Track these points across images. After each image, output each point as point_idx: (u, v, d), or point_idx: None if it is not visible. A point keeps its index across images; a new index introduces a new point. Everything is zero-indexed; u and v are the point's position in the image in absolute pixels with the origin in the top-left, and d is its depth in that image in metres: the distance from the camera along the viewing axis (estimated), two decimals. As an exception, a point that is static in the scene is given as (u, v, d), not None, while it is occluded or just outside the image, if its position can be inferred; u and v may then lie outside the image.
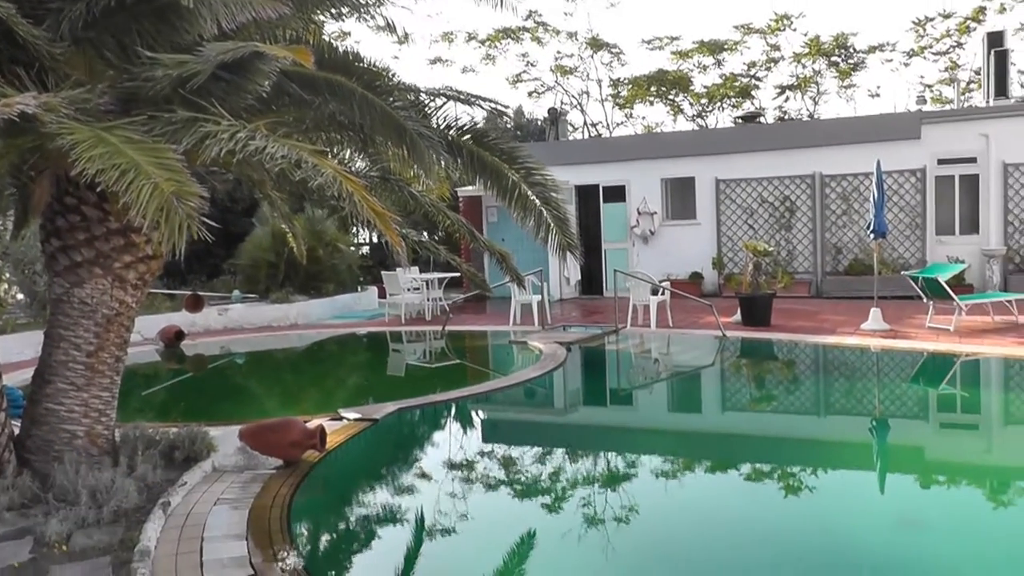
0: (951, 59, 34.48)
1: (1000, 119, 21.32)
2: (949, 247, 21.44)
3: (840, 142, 22.33)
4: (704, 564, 6.09)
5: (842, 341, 14.84)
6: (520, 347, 15.48)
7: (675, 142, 25.28)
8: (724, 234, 23.25)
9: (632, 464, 9.16)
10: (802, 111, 36.29)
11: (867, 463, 9.33)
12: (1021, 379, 12.84)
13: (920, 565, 6.03)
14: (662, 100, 37.13)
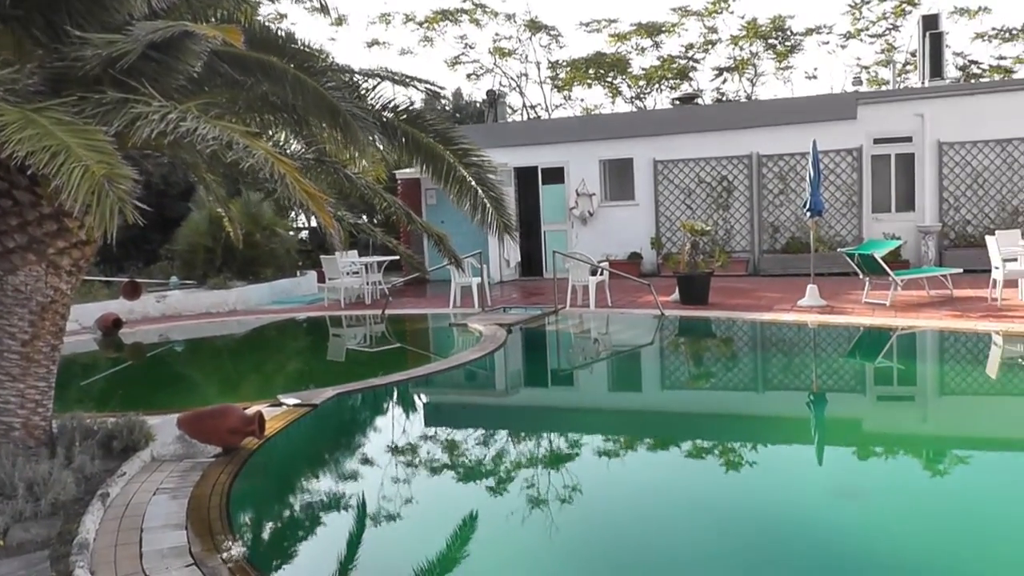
0: (887, 41, 34.92)
1: (935, 99, 21.72)
2: (885, 224, 21.76)
3: (777, 123, 22.57)
4: (648, 540, 6.11)
5: (779, 318, 15.01)
6: (460, 329, 15.47)
7: (613, 124, 25.38)
8: (662, 214, 23.39)
9: (574, 444, 9.17)
10: (740, 93, 36.57)
11: (806, 437, 9.44)
12: (956, 351, 13.05)
13: (859, 534, 6.10)
14: (600, 82, 37.21)
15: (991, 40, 33.89)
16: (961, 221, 21.50)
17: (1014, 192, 21.25)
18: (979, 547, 5.90)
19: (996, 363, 12.53)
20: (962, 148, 21.38)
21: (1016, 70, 34.21)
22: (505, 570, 5.76)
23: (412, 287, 22.23)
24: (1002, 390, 11.15)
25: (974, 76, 34.26)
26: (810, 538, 6.08)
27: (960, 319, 13.98)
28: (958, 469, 8.04)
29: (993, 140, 21.22)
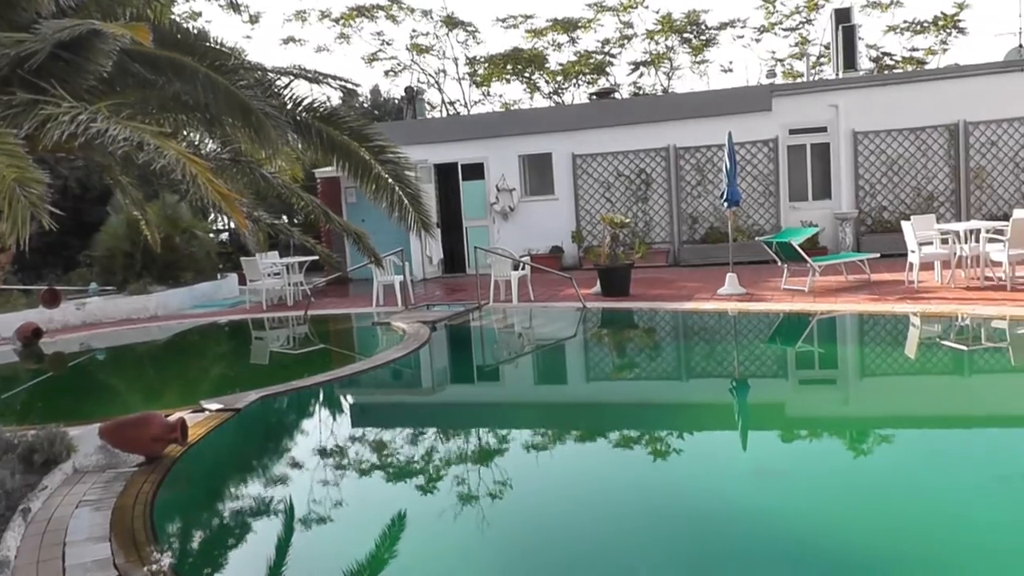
0: (801, 35, 35.40)
1: (849, 90, 22.14)
2: (803, 212, 22.09)
3: (693, 115, 22.80)
4: (578, 530, 6.12)
5: (700, 307, 15.16)
6: (383, 328, 15.40)
7: (532, 119, 25.41)
8: (582, 208, 23.49)
9: (503, 439, 9.16)
10: (656, 86, 36.80)
11: (730, 422, 9.54)
12: (874, 333, 13.30)
13: (784, 514, 6.19)
14: (518, 78, 37.25)
15: (903, 33, 34.49)
16: (877, 207, 21.89)
17: (928, 179, 21.66)
18: (898, 523, 6.01)
19: (914, 344, 12.80)
20: (876, 137, 21.76)
21: (928, 61, 34.88)
22: (437, 569, 5.73)
23: (334, 287, 22.07)
24: (920, 370, 11.39)
25: (887, 67, 34.83)
26: (736, 521, 6.14)
27: (878, 302, 14.24)
28: (878, 448, 8.19)
29: (907, 129, 21.62)
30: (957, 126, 21.37)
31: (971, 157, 21.37)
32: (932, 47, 34.88)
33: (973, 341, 12.42)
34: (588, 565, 5.58)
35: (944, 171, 21.61)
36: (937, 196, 21.64)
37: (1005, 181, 21.33)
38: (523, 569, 5.67)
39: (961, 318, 13.04)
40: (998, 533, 5.81)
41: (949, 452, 7.91)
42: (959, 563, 5.41)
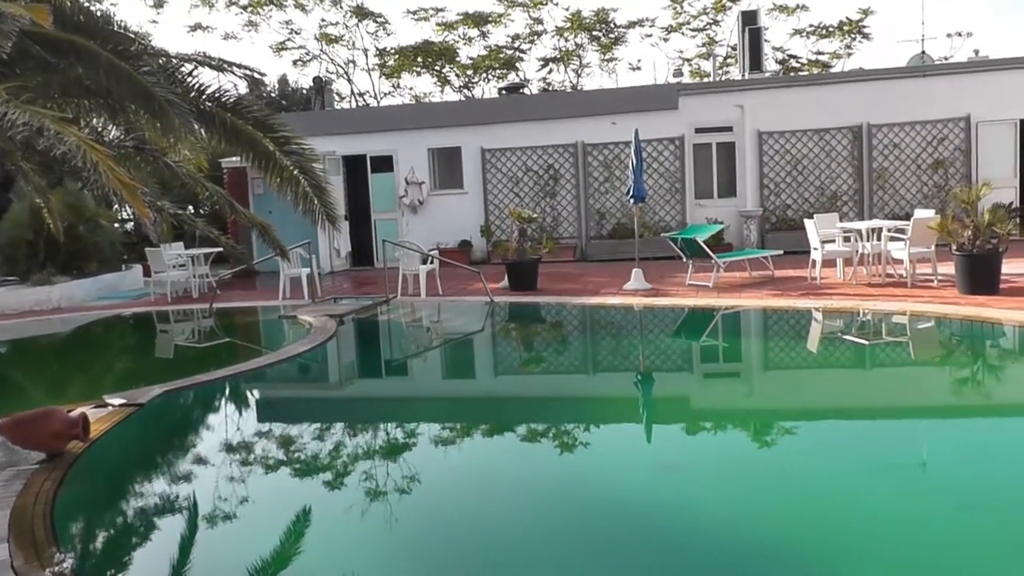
0: (708, 35, 35.82)
1: (754, 91, 22.57)
2: (708, 210, 22.39)
3: (602, 112, 22.94)
4: (485, 526, 6.10)
5: (606, 301, 15.28)
6: (290, 322, 15.23)
7: (441, 112, 25.38)
8: (491, 202, 23.52)
9: (410, 434, 9.10)
10: (566, 83, 36.97)
11: (635, 415, 9.63)
12: (777, 328, 13.58)
13: (685, 507, 6.26)
14: (429, 71, 37.15)
15: (809, 36, 35.13)
16: (781, 206, 22.28)
17: (832, 178, 22.14)
18: (798, 512, 6.12)
19: (816, 338, 13.05)
20: (781, 137, 22.16)
21: (833, 65, 35.56)
22: (343, 566, 5.69)
23: (241, 279, 21.75)
24: (822, 363, 11.64)
25: (793, 70, 35.44)
26: (641, 513, 6.19)
27: (781, 298, 14.50)
28: (780, 440, 8.34)
29: (811, 130, 22.09)
30: (860, 128, 21.88)
31: (874, 158, 21.90)
32: (837, 51, 35.64)
33: (874, 336, 12.71)
34: (495, 559, 5.58)
35: (847, 171, 22.10)
36: (840, 195, 22.10)
37: (907, 182, 21.89)
38: (431, 564, 5.65)
39: (862, 313, 13.32)
40: (893, 520, 5.96)
41: (849, 443, 8.07)
42: (856, 549, 5.51)
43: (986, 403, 9.65)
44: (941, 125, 21.76)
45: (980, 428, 8.74)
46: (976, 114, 21.61)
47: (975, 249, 13.68)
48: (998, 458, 7.44)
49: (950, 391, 10.10)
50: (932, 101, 21.77)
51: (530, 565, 5.47)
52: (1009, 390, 10.18)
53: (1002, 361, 11.63)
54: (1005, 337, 11.92)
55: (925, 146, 21.83)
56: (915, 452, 7.71)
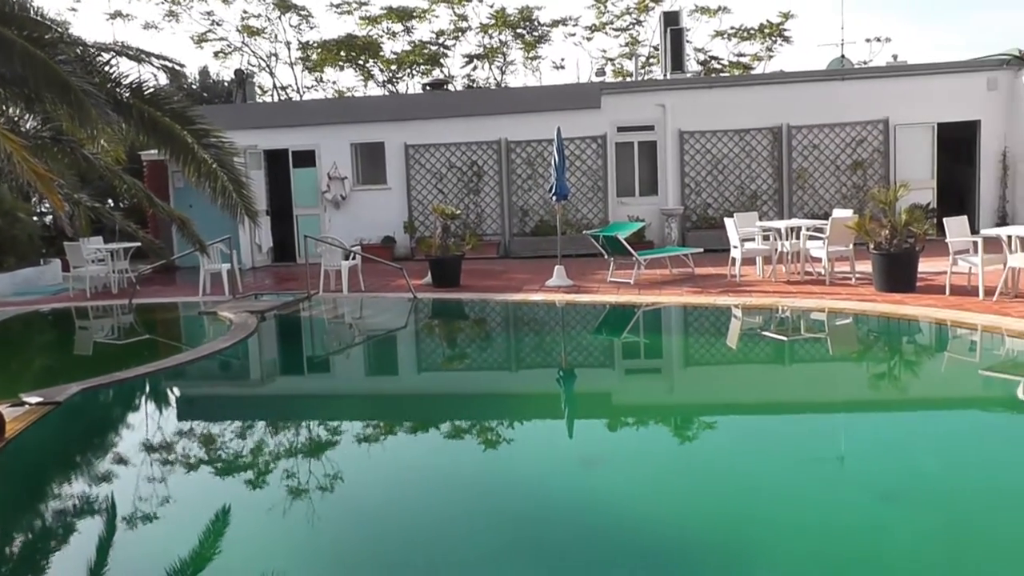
0: (631, 35, 36.01)
1: (676, 91, 22.80)
2: (630, 207, 22.53)
3: (525, 110, 23.00)
4: (407, 523, 6.07)
5: (528, 298, 15.33)
6: (210, 318, 15.04)
7: (365, 107, 25.26)
8: (415, 198, 23.44)
9: (333, 431, 9.03)
10: (490, 80, 36.97)
11: (557, 411, 9.68)
12: (698, 324, 13.75)
13: (607, 502, 6.30)
14: (352, 65, 36.88)
15: (730, 38, 35.50)
16: (702, 204, 22.50)
17: (752, 178, 22.42)
18: (719, 506, 6.20)
19: (735, 335, 13.23)
20: (702, 137, 22.38)
21: (754, 67, 36.00)
22: (264, 565, 5.62)
23: (161, 275, 21.34)
24: (741, 359, 11.81)
25: (714, 71, 35.79)
26: (562, 508, 6.22)
27: (700, 295, 14.67)
28: (701, 434, 8.45)
29: (732, 130, 22.34)
30: (780, 129, 22.18)
31: (793, 159, 22.19)
32: (758, 53, 36.07)
33: (792, 332, 12.93)
34: (418, 556, 5.57)
35: (767, 171, 22.39)
36: (760, 195, 22.39)
37: (826, 182, 22.25)
38: (353, 562, 5.61)
39: (781, 310, 13.52)
40: (813, 512, 6.09)
41: (768, 437, 8.20)
42: (775, 541, 5.60)
43: (902, 397, 9.87)
44: (860, 127, 22.14)
45: (896, 421, 8.94)
46: (894, 117, 22.03)
47: (892, 248, 13.97)
48: (913, 450, 7.63)
49: (867, 386, 10.31)
50: (851, 104, 22.16)
51: (453, 562, 5.47)
52: (924, 385, 10.44)
53: (918, 357, 11.90)
54: (921, 333, 12.18)
55: (844, 147, 22.19)
56: (833, 445, 7.86)
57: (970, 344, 11.66)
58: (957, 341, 11.81)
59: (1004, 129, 21.88)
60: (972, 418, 9.02)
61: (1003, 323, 11.38)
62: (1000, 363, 10.96)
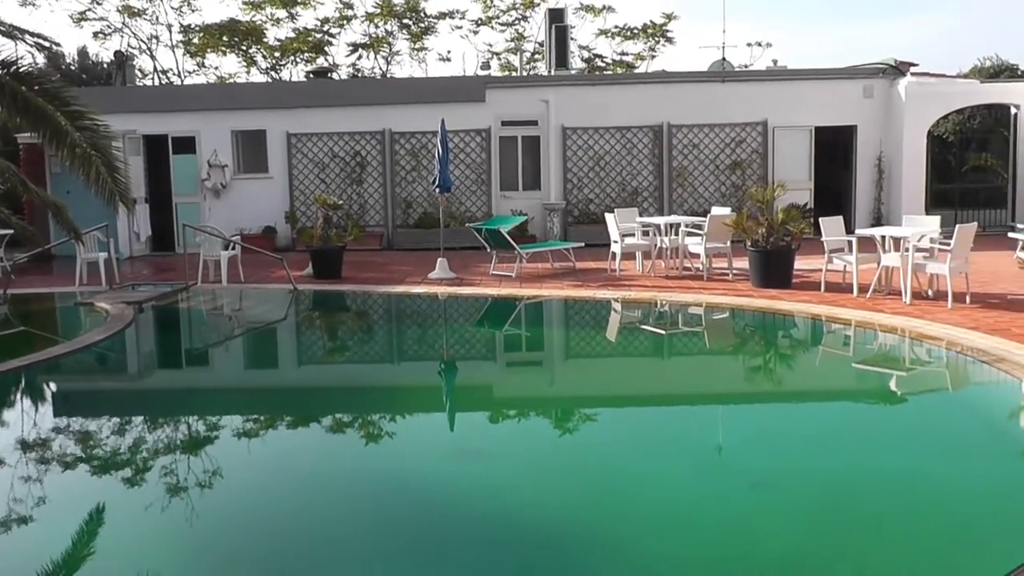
0: (517, 30, 36.12)
1: (560, 87, 23.06)
2: (513, 201, 22.66)
3: (410, 101, 22.97)
4: (287, 518, 6.04)
5: (410, 290, 15.35)
6: (86, 309, 14.68)
7: (247, 94, 24.95)
8: (297, 188, 23.19)
9: (212, 427, 8.89)
10: (375, 70, 36.76)
11: (438, 404, 9.74)
12: (579, 318, 14.00)
13: (487, 494, 6.35)
14: (235, 51, 36.32)
15: (614, 37, 35.86)
16: (584, 200, 22.75)
17: (633, 175, 22.76)
18: (597, 497, 6.33)
19: (615, 328, 13.48)
20: (585, 133, 22.63)
21: (637, 66, 36.44)
22: (142, 565, 5.52)
23: (38, 264, 20.69)
24: (621, 352, 12.04)
25: (598, 69, 36.14)
26: (442, 502, 6.28)
27: (581, 288, 14.89)
28: (581, 426, 8.59)
29: (615, 127, 22.64)
30: (661, 128, 22.55)
31: (674, 157, 22.59)
32: (641, 53, 36.52)
33: (671, 326, 13.21)
34: (297, 551, 5.55)
35: (648, 168, 22.74)
36: (641, 191, 22.74)
37: (706, 181, 22.72)
38: (232, 560, 5.57)
39: (660, 304, 13.78)
40: (687, 500, 6.29)
41: (646, 428, 8.41)
42: (652, 530, 5.75)
43: (778, 390, 10.20)
44: (739, 128, 22.66)
45: (771, 413, 9.25)
46: (773, 120, 22.64)
47: (769, 246, 14.35)
48: (787, 440, 7.89)
49: (743, 379, 10.60)
50: (731, 105, 22.69)
51: (332, 556, 5.47)
52: (799, 377, 10.78)
53: (793, 350, 12.31)
54: (797, 328, 12.58)
55: (723, 147, 22.68)
56: (710, 436, 8.09)
57: (844, 339, 12.05)
58: (831, 335, 12.18)
59: (880, 135, 22.68)
60: (845, 409, 9.37)
61: (876, 319, 11.80)
62: (872, 357, 11.37)
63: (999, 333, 10.53)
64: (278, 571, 5.35)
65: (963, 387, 9.86)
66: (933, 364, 10.67)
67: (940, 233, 13.26)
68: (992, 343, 10.07)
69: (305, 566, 5.37)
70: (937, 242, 13.14)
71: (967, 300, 12.53)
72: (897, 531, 5.75)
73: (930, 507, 6.16)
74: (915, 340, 10.96)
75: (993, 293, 13.38)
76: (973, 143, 26.46)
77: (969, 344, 10.17)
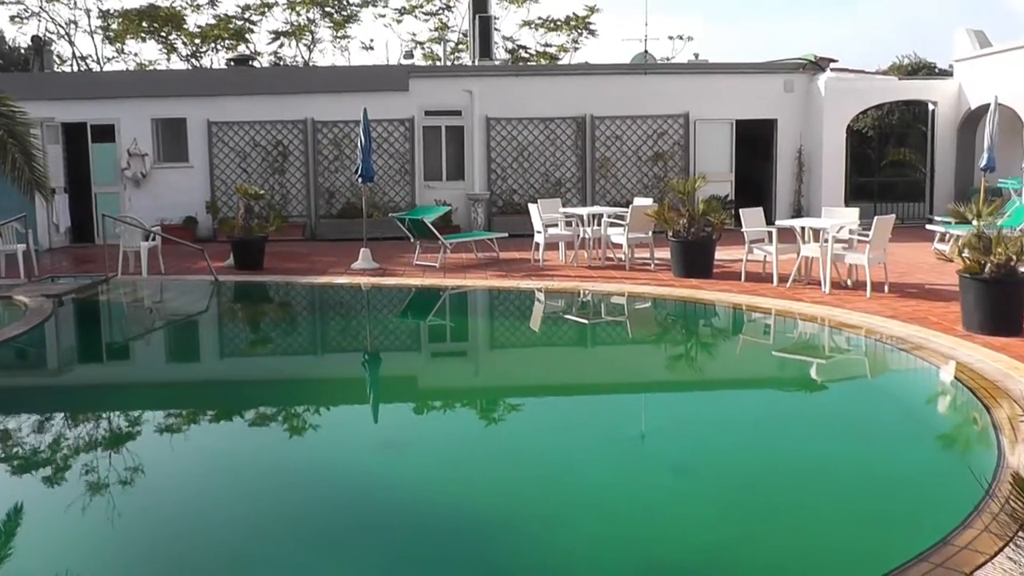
0: (441, 20, 36.04)
1: (483, 77, 23.13)
2: (437, 191, 22.68)
3: (332, 90, 22.84)
4: (213, 516, 6.03)
5: (333, 281, 15.35)
6: (4, 303, 14.41)
7: (167, 81, 24.63)
8: (218, 177, 22.95)
9: (133, 422, 8.80)
10: (297, 58, 36.49)
11: (362, 396, 9.78)
12: (503, 308, 14.13)
13: (411, 485, 6.41)
14: (155, 37, 35.80)
15: (538, 28, 35.97)
16: (508, 190, 22.84)
17: (556, 165, 22.91)
18: (522, 485, 6.44)
19: (539, 318, 13.61)
20: (508, 124, 22.70)
21: (560, 57, 36.58)
22: (64, 564, 5.45)
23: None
24: (545, 342, 12.20)
25: (522, 60, 36.22)
26: (366, 493, 6.33)
27: (505, 279, 15.03)
28: (505, 416, 8.71)
29: (538, 118, 22.75)
30: (584, 119, 22.72)
31: (597, 148, 22.78)
32: (564, 45, 36.63)
33: (593, 315, 13.38)
34: (224, 549, 5.57)
35: (572, 159, 22.91)
36: (564, 182, 22.89)
37: (628, 172, 22.96)
38: (160, 561, 5.53)
39: (583, 294, 13.94)
40: (610, 489, 6.42)
41: (569, 417, 8.56)
42: (575, 517, 5.89)
43: (699, 378, 10.42)
44: (661, 120, 22.92)
45: (693, 400, 9.47)
46: (695, 112, 22.96)
47: (690, 236, 14.59)
48: (706, 426, 8.08)
49: (666, 367, 10.82)
50: (653, 98, 22.96)
51: (255, 550, 5.49)
52: (720, 365, 11.01)
53: (715, 339, 12.57)
54: (718, 317, 12.83)
55: (646, 139, 22.91)
56: (632, 424, 8.25)
57: (764, 327, 12.29)
58: (752, 324, 12.44)
59: (800, 128, 23.17)
60: (765, 396, 9.61)
61: (796, 308, 12.06)
62: (793, 345, 11.61)
63: (916, 321, 10.84)
64: (199, 566, 5.35)
65: (881, 374, 10.14)
66: (852, 352, 10.94)
67: (859, 224, 13.56)
68: (910, 331, 10.36)
69: (225, 560, 5.39)
70: (856, 233, 13.43)
71: (885, 289, 12.86)
72: (813, 514, 5.93)
73: (846, 490, 6.37)
74: (834, 328, 11.21)
75: (911, 283, 13.73)
76: (892, 138, 26.99)
77: (887, 332, 10.43)
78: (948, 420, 8.58)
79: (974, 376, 8.41)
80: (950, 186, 23.19)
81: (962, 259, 10.29)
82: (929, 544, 4.89)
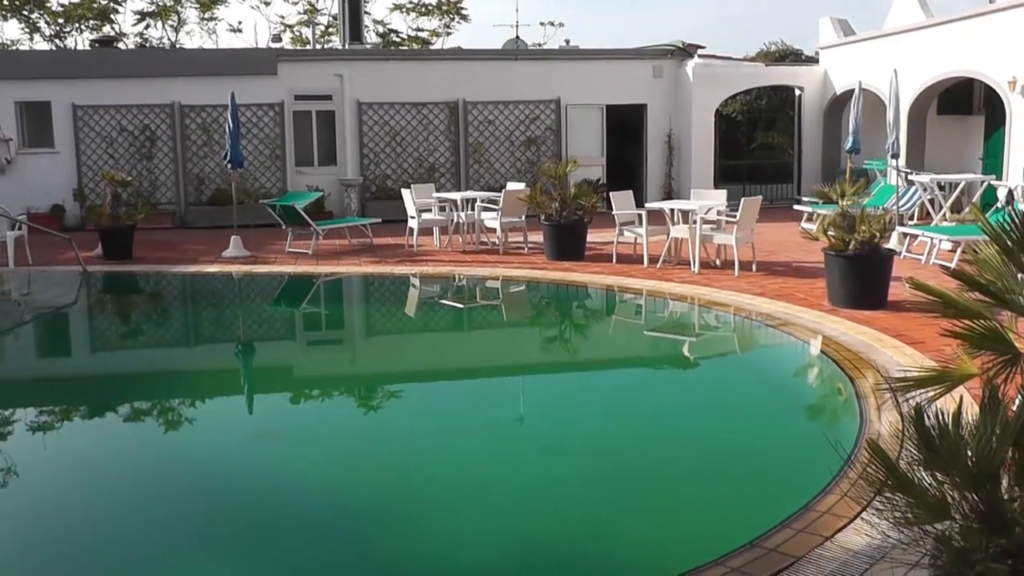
0: (310, 2, 35.69)
1: (354, 61, 23.03)
2: (309, 177, 22.49)
3: (199, 73, 22.43)
4: (84, 514, 5.97)
5: (204, 269, 15.19)
6: None
7: (30, 62, 23.86)
8: (84, 163, 22.38)
9: (3, 420, 8.55)
10: (163, 40, 35.77)
11: (235, 387, 9.73)
12: (377, 294, 14.34)
13: (284, 475, 6.44)
14: (16, 15, 34.72)
15: (409, 13, 35.85)
16: (381, 175, 22.78)
17: (429, 150, 22.94)
18: (396, 472, 6.56)
19: (413, 303, 13.72)
20: (380, 109, 22.63)
21: (433, 42, 36.55)
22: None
23: None
24: (420, 327, 12.33)
25: (394, 44, 36.07)
26: (239, 485, 6.36)
27: (379, 265, 15.10)
28: (380, 403, 8.80)
29: (410, 103, 22.73)
30: (457, 104, 22.77)
31: (470, 133, 22.88)
32: (436, 29, 36.60)
33: (468, 299, 13.57)
34: (88, 544, 5.52)
35: (445, 144, 22.97)
36: (438, 167, 22.94)
37: (501, 156, 23.11)
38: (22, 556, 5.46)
39: (458, 279, 14.08)
40: (482, 469, 6.62)
41: (444, 402, 8.74)
42: (448, 500, 6.04)
43: (573, 359, 10.67)
44: (533, 106, 23.16)
45: (567, 381, 9.71)
46: (566, 98, 23.26)
47: (562, 220, 14.84)
48: (579, 407, 8.30)
49: (540, 349, 11.06)
50: (525, 83, 23.19)
51: (126, 549, 5.47)
52: (594, 346, 11.29)
53: (588, 320, 12.90)
54: (590, 299, 13.14)
55: (518, 124, 23.11)
56: (506, 406, 8.41)
57: (636, 308, 12.60)
58: (624, 305, 12.71)
59: (669, 113, 23.68)
60: (637, 375, 9.90)
61: (666, 288, 12.44)
62: (663, 324, 11.96)
63: (784, 298, 11.25)
64: (67, 566, 5.32)
65: (750, 350, 10.51)
66: (722, 329, 11.29)
67: (727, 206, 13.93)
68: (777, 307, 10.76)
69: (98, 560, 5.36)
70: (724, 214, 13.81)
71: (753, 268, 13.28)
72: (683, 486, 6.21)
73: (716, 463, 6.67)
74: (704, 307, 11.54)
75: (778, 261, 14.19)
76: (761, 122, 27.71)
77: (755, 309, 10.79)
78: (814, 392, 8.97)
79: (839, 348, 8.78)
80: (817, 168, 23.93)
81: (827, 237, 10.69)
82: (793, 511, 5.13)
